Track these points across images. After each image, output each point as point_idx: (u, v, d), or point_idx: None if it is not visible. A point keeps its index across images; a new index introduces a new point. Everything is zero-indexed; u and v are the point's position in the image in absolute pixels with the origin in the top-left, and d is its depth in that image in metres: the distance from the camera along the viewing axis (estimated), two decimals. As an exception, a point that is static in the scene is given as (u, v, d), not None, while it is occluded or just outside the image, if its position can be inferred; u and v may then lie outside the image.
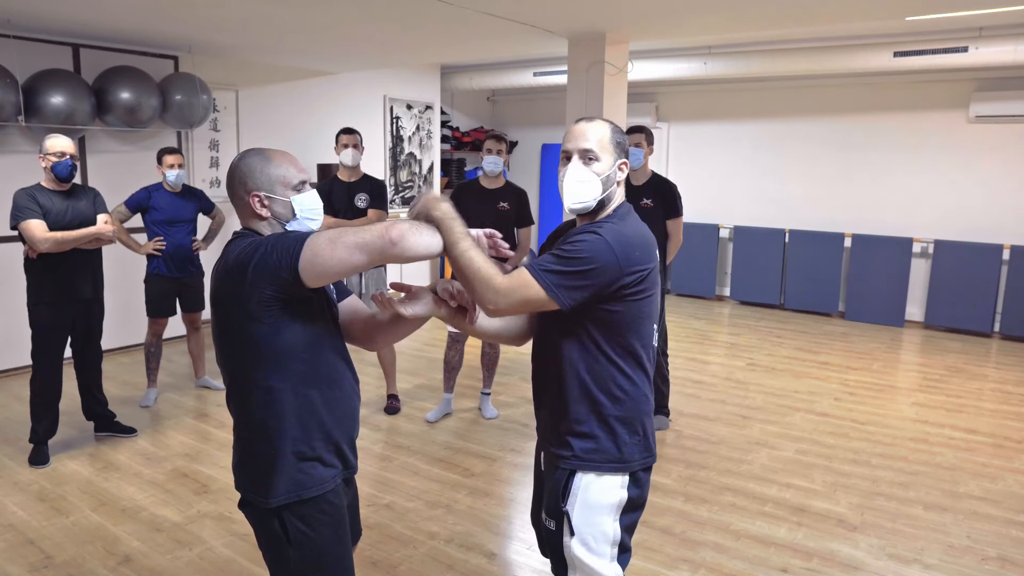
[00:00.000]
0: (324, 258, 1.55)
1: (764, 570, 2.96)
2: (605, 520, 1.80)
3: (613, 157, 1.81)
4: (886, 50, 6.46)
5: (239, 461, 1.77)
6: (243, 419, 1.73)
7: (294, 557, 1.72)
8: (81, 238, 3.74)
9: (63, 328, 3.91)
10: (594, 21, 4.80)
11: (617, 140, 1.83)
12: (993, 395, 5.25)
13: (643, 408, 1.84)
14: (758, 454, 4.13)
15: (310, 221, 1.77)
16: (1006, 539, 3.23)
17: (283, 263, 1.57)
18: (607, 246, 1.70)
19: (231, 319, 1.67)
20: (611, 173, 1.81)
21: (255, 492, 1.73)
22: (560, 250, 1.72)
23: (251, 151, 1.78)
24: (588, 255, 1.69)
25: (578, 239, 1.72)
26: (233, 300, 1.64)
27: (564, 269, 1.69)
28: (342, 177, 4.51)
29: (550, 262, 1.70)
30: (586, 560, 1.80)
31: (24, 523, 3.30)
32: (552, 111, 9.54)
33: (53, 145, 3.72)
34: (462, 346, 4.61)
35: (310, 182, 1.81)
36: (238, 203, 1.76)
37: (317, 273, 1.56)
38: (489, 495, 3.63)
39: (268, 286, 1.59)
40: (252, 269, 1.59)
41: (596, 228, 1.75)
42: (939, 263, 7.11)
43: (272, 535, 1.74)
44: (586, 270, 1.68)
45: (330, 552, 1.75)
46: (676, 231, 4.35)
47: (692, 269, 8.44)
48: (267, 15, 4.75)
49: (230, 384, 1.75)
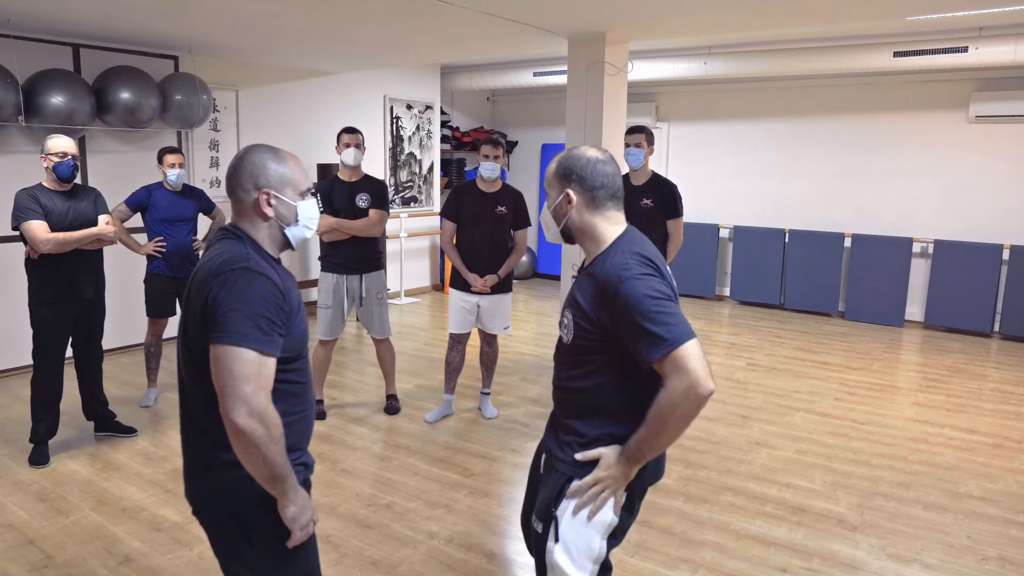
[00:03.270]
0: (217, 369, 1.53)
1: (764, 570, 2.96)
2: (592, 536, 1.77)
3: (557, 189, 1.85)
4: (886, 50, 6.46)
5: (198, 470, 1.71)
6: (204, 427, 1.67)
7: (258, 562, 1.68)
8: (83, 239, 3.75)
9: (64, 328, 3.91)
10: (594, 21, 4.80)
11: (561, 173, 1.84)
12: (993, 395, 5.25)
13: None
14: (758, 454, 4.14)
15: (307, 229, 1.76)
16: (1006, 539, 3.23)
17: (215, 323, 1.54)
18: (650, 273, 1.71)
19: (193, 326, 1.62)
20: (558, 206, 1.85)
21: (215, 500, 1.69)
22: (647, 301, 1.66)
23: (261, 147, 1.72)
24: (662, 292, 1.70)
25: (645, 290, 1.67)
26: (197, 311, 1.61)
27: (676, 311, 1.67)
28: (343, 177, 4.50)
29: (663, 312, 1.65)
30: (566, 570, 1.77)
31: (24, 523, 3.30)
32: (552, 111, 9.54)
33: (55, 145, 3.72)
34: (463, 347, 4.60)
35: (312, 190, 1.80)
36: (241, 197, 1.69)
37: (211, 363, 1.55)
38: (489, 495, 3.63)
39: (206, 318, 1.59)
40: (208, 307, 1.57)
41: (625, 269, 1.71)
42: (939, 263, 7.11)
43: (233, 541, 1.69)
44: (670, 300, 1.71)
45: (294, 556, 1.70)
46: (676, 231, 4.36)
47: (692, 269, 8.44)
48: (267, 15, 4.75)
49: (188, 391, 1.69)
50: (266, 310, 1.57)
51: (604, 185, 1.82)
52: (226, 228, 1.73)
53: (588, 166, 1.82)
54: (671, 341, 1.60)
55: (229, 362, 1.52)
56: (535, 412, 4.76)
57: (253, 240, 1.70)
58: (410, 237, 8.60)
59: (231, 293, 1.55)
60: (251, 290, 1.56)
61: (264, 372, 1.55)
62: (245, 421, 1.50)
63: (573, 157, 1.84)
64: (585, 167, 1.82)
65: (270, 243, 1.73)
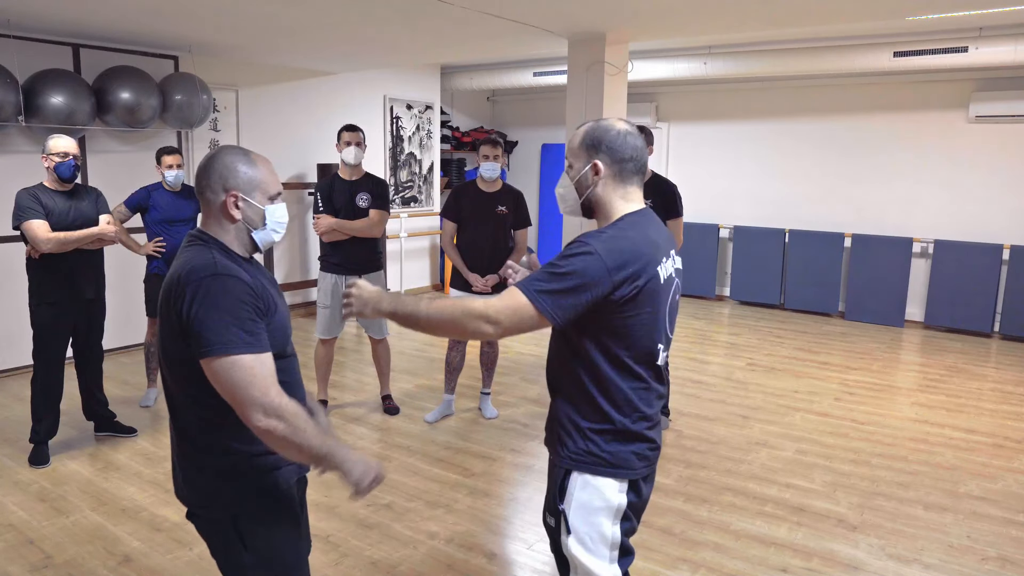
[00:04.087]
0: (220, 382, 1.53)
1: (764, 570, 2.96)
2: (603, 522, 1.79)
3: (583, 160, 1.80)
4: (886, 50, 6.46)
5: (189, 473, 1.72)
6: (193, 431, 1.68)
7: (249, 563, 1.69)
8: (84, 238, 3.75)
9: (65, 328, 3.91)
10: (594, 21, 4.80)
11: (588, 142, 1.79)
12: (993, 395, 5.25)
13: (643, 418, 1.81)
14: (758, 454, 4.14)
15: (275, 233, 1.75)
16: (1006, 539, 3.23)
17: (200, 339, 1.53)
18: (597, 261, 1.65)
19: (171, 328, 1.61)
20: (582, 176, 1.80)
21: (209, 502, 1.70)
22: (552, 265, 1.68)
23: (232, 148, 1.71)
24: (576, 270, 1.64)
25: (569, 253, 1.68)
26: (172, 321, 1.60)
27: (553, 288, 1.64)
28: (343, 175, 4.50)
29: (541, 279, 1.67)
30: (583, 560, 1.79)
31: (24, 523, 3.30)
32: (552, 111, 9.54)
33: (56, 145, 3.72)
34: (463, 347, 4.60)
35: (282, 194, 1.78)
36: (209, 199, 1.68)
37: (208, 377, 1.55)
38: (489, 495, 3.63)
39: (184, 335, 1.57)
40: (185, 321, 1.56)
41: (589, 239, 1.70)
42: (939, 263, 7.11)
43: (227, 542, 1.70)
44: (575, 286, 1.64)
45: (285, 557, 1.72)
46: (676, 231, 4.35)
47: (692, 269, 8.43)
48: (267, 15, 4.75)
49: (174, 396, 1.69)
50: (244, 311, 1.56)
51: (633, 158, 1.79)
52: (192, 234, 1.71)
53: (618, 138, 1.78)
54: (524, 287, 1.66)
55: (227, 373, 1.52)
56: (535, 412, 4.75)
57: (220, 243, 1.68)
58: (410, 237, 8.60)
59: (205, 304, 1.54)
60: (226, 296, 1.55)
61: (265, 370, 1.55)
62: (265, 423, 1.52)
63: (602, 128, 1.80)
64: (615, 139, 1.78)
65: (238, 245, 1.71)
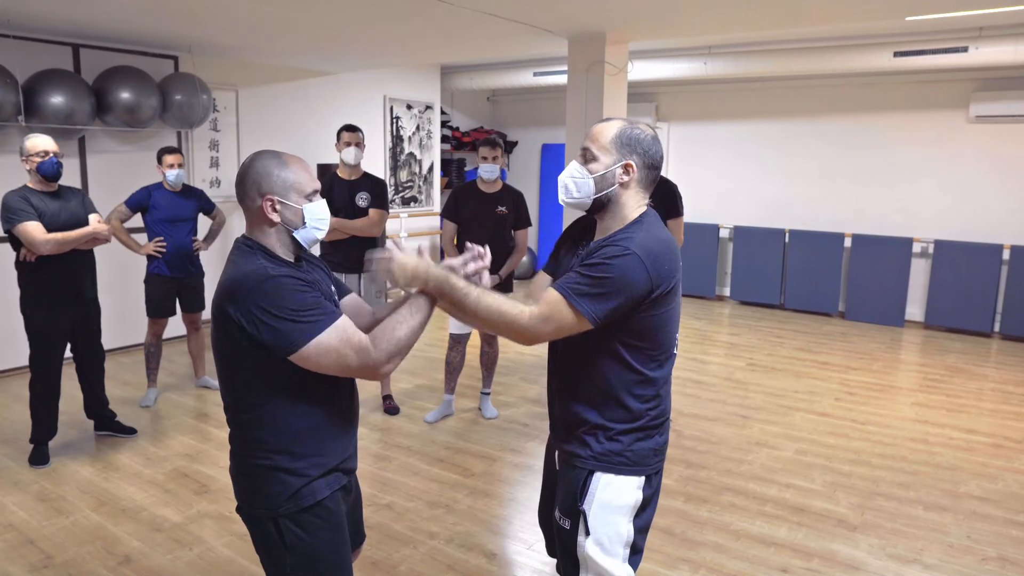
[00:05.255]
0: (322, 364, 1.61)
1: (764, 570, 2.96)
2: (620, 521, 1.81)
3: (614, 157, 1.77)
4: (886, 50, 6.46)
5: (236, 471, 1.78)
6: (239, 433, 1.75)
7: (291, 562, 1.73)
8: (80, 238, 3.72)
9: (63, 330, 3.88)
10: (594, 21, 4.80)
11: (624, 141, 1.78)
12: (993, 395, 5.25)
13: (662, 412, 1.85)
14: (758, 454, 4.13)
15: (317, 230, 1.76)
16: (1006, 539, 3.23)
17: (279, 343, 1.60)
18: (638, 263, 1.66)
19: (227, 336, 1.66)
20: (608, 173, 1.77)
21: (252, 502, 1.74)
22: (589, 268, 1.67)
23: (265, 153, 1.75)
24: (619, 275, 1.65)
25: (607, 256, 1.67)
26: (226, 322, 1.64)
27: (595, 292, 1.65)
28: (342, 175, 4.50)
29: (580, 282, 1.66)
30: (599, 560, 1.80)
31: (24, 523, 3.30)
32: (552, 111, 9.53)
33: (35, 145, 3.64)
34: (463, 347, 4.60)
35: (319, 191, 1.80)
36: (248, 206, 1.72)
37: (308, 366, 1.63)
38: (489, 495, 3.63)
39: (254, 345, 1.62)
40: (239, 322, 1.61)
41: (624, 242, 1.70)
42: (939, 263, 7.11)
43: (269, 540, 1.74)
44: (617, 290, 1.65)
45: (327, 558, 1.75)
46: (677, 231, 4.34)
47: (692, 269, 8.43)
48: (267, 15, 4.75)
49: (225, 396, 1.75)
50: (303, 301, 1.61)
51: (658, 167, 1.81)
52: (239, 240, 1.75)
53: (653, 144, 1.80)
54: (565, 293, 1.68)
55: (320, 358, 1.60)
56: (535, 412, 4.75)
57: (264, 248, 1.71)
58: (410, 237, 8.60)
59: (267, 309, 1.59)
60: (280, 295, 1.60)
61: (345, 335, 1.62)
62: (385, 367, 1.64)
63: (637, 128, 1.80)
64: (651, 145, 1.79)
65: (281, 248, 1.74)
